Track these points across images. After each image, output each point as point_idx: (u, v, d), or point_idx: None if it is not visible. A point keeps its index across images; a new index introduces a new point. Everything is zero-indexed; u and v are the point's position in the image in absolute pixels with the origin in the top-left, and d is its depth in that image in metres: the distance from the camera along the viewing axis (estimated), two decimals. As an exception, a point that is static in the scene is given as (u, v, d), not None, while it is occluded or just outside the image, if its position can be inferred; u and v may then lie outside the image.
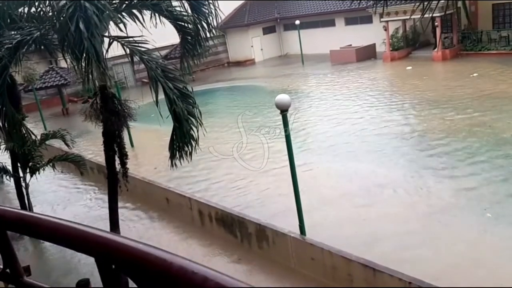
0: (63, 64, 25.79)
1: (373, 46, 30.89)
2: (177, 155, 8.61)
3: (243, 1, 39.89)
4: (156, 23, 8.94)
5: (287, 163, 8.84)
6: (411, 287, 6.81)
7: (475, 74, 21.28)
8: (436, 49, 26.55)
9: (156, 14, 8.98)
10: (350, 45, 31.75)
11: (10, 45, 8.43)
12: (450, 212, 9.67)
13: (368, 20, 31.96)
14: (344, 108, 19.17)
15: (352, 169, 12.69)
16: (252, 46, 38.02)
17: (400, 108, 18.06)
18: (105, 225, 9.86)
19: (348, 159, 13.53)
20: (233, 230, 10.03)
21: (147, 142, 18.10)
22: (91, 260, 1.39)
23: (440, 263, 8.02)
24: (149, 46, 8.69)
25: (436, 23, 26.14)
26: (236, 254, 9.59)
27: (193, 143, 8.53)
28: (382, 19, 28.23)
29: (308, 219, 8.97)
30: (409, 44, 29.66)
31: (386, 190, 11.11)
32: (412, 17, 24.67)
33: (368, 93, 21.20)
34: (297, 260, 8.68)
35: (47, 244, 10.80)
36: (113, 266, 1.40)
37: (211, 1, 9.19)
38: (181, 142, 8.39)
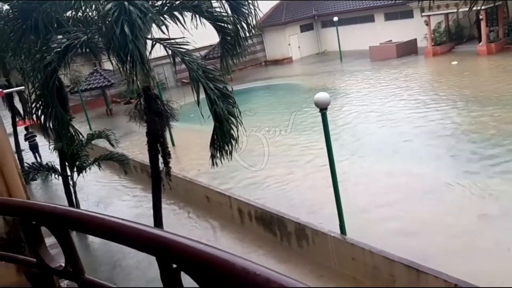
0: (106, 66, 26.62)
1: (414, 41, 30.12)
2: (218, 154, 8.73)
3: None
4: (196, 24, 9.07)
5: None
6: (458, 290, 6.63)
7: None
8: (481, 43, 25.60)
9: (197, 16, 9.11)
10: (390, 40, 31.09)
11: (59, 49, 8.79)
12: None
13: (408, 15, 31.18)
14: (387, 107, 18.74)
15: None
16: (289, 44, 37.90)
17: (447, 106, 17.46)
18: (149, 223, 10.13)
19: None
20: (273, 228, 10.07)
21: (188, 141, 18.40)
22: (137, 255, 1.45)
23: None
24: (189, 47, 8.84)
25: (481, 16, 25.19)
26: (275, 253, 9.62)
27: (233, 142, 8.62)
28: (423, 14, 27.47)
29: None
30: (452, 38, 28.72)
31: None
32: (456, 11, 23.94)
33: (411, 90, 20.67)
34: (337, 260, 8.62)
35: (91, 238, 11.21)
36: (174, 266, 1.46)
37: (250, 1, 9.24)
38: (222, 142, 8.50)
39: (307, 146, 15.31)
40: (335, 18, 32.28)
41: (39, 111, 9.18)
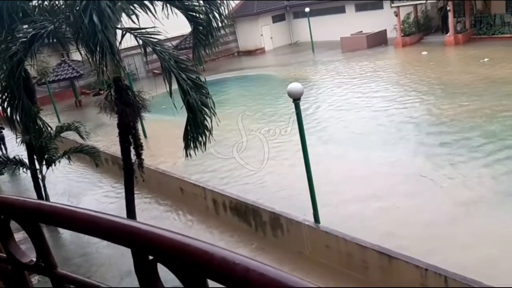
0: (75, 56, 25.95)
1: (384, 32, 30.53)
2: (192, 145, 8.65)
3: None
4: (168, 14, 8.92)
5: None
6: (428, 274, 6.83)
7: (485, 59, 20.98)
8: (448, 34, 26.18)
9: (168, 5, 8.96)
10: (361, 31, 31.42)
11: (25, 39, 8.49)
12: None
13: (378, 6, 31.55)
14: (358, 96, 18.99)
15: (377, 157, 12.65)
16: (261, 35, 37.81)
17: (413, 94, 17.86)
18: (122, 216, 9.99)
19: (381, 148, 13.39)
20: (247, 218, 10.11)
21: (161, 133, 18.19)
22: (110, 248, 1.43)
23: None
24: (161, 37, 8.68)
25: (448, 8, 25.73)
26: (251, 242, 9.67)
27: (207, 133, 8.56)
28: (393, 5, 27.86)
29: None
30: (421, 29, 29.26)
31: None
32: (425, 2, 24.38)
33: (382, 80, 21.01)
34: (311, 247, 8.74)
35: (62, 232, 11.00)
36: (150, 257, 1.43)
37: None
38: (195, 133, 8.42)
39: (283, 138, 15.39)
40: (307, 9, 32.34)
41: (5, 103, 8.87)
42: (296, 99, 8.33)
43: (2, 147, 18.71)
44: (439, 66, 21.81)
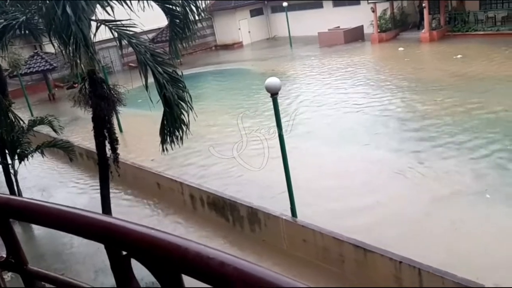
0: (48, 48, 25.33)
1: (361, 28, 30.82)
2: (168, 140, 8.57)
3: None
4: (143, 6, 8.79)
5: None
6: (402, 267, 6.96)
7: (459, 56, 21.43)
8: (423, 31, 26.62)
9: (144, -3, 8.82)
10: (338, 27, 31.65)
11: (-5, 30, 8.24)
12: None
13: (355, 1, 31.82)
14: (335, 92, 19.13)
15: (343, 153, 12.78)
16: (239, 29, 37.67)
17: (388, 91, 18.11)
18: (97, 211, 9.85)
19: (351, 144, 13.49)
20: (225, 213, 10.09)
21: (137, 127, 17.97)
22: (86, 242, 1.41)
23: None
24: (137, 30, 8.56)
25: (423, 4, 26.15)
26: (228, 237, 9.67)
27: (184, 128, 8.48)
28: (370, 1, 28.13)
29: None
30: (397, 25, 29.66)
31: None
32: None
33: (358, 76, 21.22)
34: (289, 242, 8.79)
35: (35, 228, 10.78)
36: (124, 253, 1.41)
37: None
38: (172, 127, 8.34)
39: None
40: (285, 4, 32.36)
41: (-26, 96, 8.61)
42: (274, 93, 8.33)
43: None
44: (414, 63, 22.16)
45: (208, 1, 33.20)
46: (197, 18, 9.35)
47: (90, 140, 11.01)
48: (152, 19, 12.57)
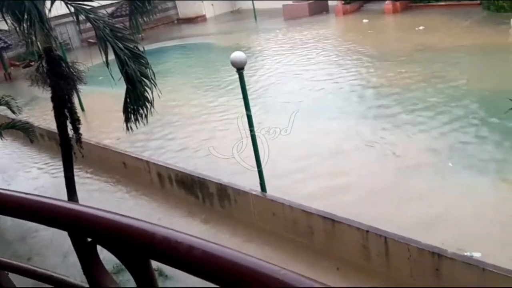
0: (1, 26, 24.03)
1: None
2: (132, 118, 8.37)
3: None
4: (101, -21, 8.42)
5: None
6: (369, 236, 7.16)
7: (421, 27, 21.75)
8: (387, 2, 26.79)
9: (101, -31, 8.44)
10: (303, -1, 31.43)
11: None
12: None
13: (319, -27, 31.58)
14: (300, 65, 19.14)
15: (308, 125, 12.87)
16: (202, 2, 36.83)
17: (353, 63, 18.26)
18: (61, 194, 9.60)
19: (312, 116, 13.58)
20: (194, 191, 10.05)
21: (99, 106, 17.50)
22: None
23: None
24: (94, 4, 8.22)
25: (385, -25, 26.24)
26: (198, 214, 9.66)
27: (148, 106, 8.29)
28: (333, -28, 28.00)
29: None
30: (361, -3, 29.71)
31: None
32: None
33: (323, 49, 21.26)
34: (259, 216, 8.87)
35: None
36: (89, 239, 1.37)
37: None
38: (136, 105, 8.13)
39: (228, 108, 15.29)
40: (248, -25, 31.83)
41: None
42: (239, 68, 8.23)
43: None
44: (378, 34, 22.35)
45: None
46: (157, -10, 9.05)
47: (51, 120, 10.63)
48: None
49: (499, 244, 7.19)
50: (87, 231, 1.34)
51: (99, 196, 11.01)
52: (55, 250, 8.83)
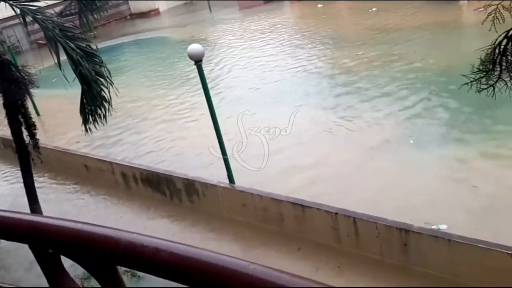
0: None
1: (278, -13, 30.70)
2: (91, 119, 8.15)
3: None
4: (45, -23, 8.09)
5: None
6: (338, 218, 7.29)
7: (373, 9, 22.13)
8: (338, -14, 27.06)
9: (44, -33, 8.11)
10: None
11: None
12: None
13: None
14: (258, 55, 19.09)
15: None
16: (154, -5, 36.14)
17: (310, 49, 18.39)
18: (22, 203, 9.27)
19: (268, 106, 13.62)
20: (161, 188, 9.92)
21: (55, 109, 16.92)
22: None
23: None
24: (41, 4, 7.91)
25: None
26: (167, 212, 9.55)
27: (106, 105, 8.09)
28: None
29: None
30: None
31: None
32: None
33: (280, 36, 21.30)
34: (229, 208, 8.86)
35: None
36: (50, 251, 1.32)
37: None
38: (93, 105, 7.92)
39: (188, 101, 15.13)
40: (199, -34, 31.39)
41: None
42: (197, 61, 8.13)
43: None
44: (333, 19, 22.59)
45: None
46: (106, -14, 8.80)
47: (5, 127, 10.21)
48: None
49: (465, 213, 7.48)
50: (48, 243, 1.29)
51: (62, 202, 10.69)
52: (19, 260, 8.53)
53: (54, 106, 17.04)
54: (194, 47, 8.08)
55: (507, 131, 9.61)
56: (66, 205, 10.48)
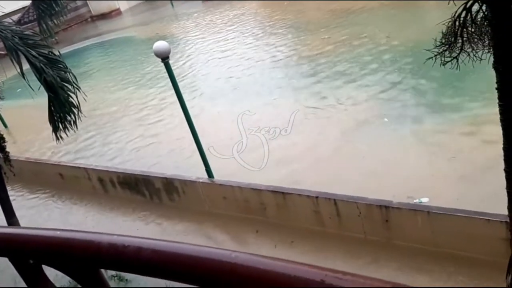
0: None
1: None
2: (61, 127, 7.98)
3: None
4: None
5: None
6: (319, 201, 7.38)
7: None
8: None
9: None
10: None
11: None
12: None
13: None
14: (226, 48, 18.90)
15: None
16: (114, -5, 35.39)
17: (277, 38, 18.28)
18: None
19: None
20: (140, 190, 9.83)
21: (23, 120, 16.46)
22: None
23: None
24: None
25: None
26: (148, 213, 9.47)
27: (75, 111, 7.94)
28: None
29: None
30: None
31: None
32: None
33: (245, 27, 21.20)
34: (210, 202, 8.86)
35: None
36: (31, 261, 1.30)
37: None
38: (62, 112, 7.75)
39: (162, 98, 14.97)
40: (157, -39, 30.82)
41: None
42: (164, 58, 8.05)
43: None
44: (294, 5, 22.56)
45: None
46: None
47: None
48: (12, -2, 11.32)
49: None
50: (27, 254, 1.28)
51: (39, 214, 10.49)
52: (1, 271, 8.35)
53: (23, 117, 16.56)
54: (160, 45, 7.99)
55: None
56: (44, 216, 10.28)
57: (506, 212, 4.81)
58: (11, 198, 8.93)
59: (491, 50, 4.25)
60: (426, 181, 7.88)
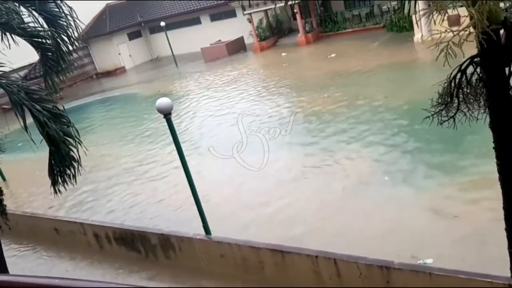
0: None
1: (241, 39, 31.71)
2: (60, 181, 7.97)
3: (102, 6, 38.11)
4: (9, 43, 8.10)
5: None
6: (319, 261, 7.20)
7: (333, 55, 23.01)
8: (299, 35, 28.18)
9: (7, 33, 8.13)
10: (220, 40, 32.23)
11: None
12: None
13: (232, 14, 32.73)
14: (227, 106, 19.17)
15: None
16: (119, 54, 36.60)
17: (277, 97, 18.57)
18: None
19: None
20: (136, 246, 9.62)
21: (23, 173, 16.44)
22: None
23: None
24: (5, 69, 7.87)
25: (295, 10, 27.70)
26: (143, 271, 9.22)
27: (75, 165, 7.95)
28: (245, 12, 29.09)
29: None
30: (274, 33, 31.04)
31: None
32: (273, 7, 25.95)
33: (246, 86, 21.72)
34: (207, 260, 8.64)
35: None
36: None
37: (67, 13, 8.57)
38: (62, 166, 7.77)
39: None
40: (162, 23, 32.14)
41: None
42: (166, 114, 8.17)
43: None
44: (295, 66, 23.31)
45: (81, 29, 31.87)
46: (71, 48, 8.86)
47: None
48: (22, 55, 11.67)
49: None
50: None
51: (33, 269, 10.20)
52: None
53: (22, 170, 16.55)
54: (162, 101, 8.13)
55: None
56: (38, 272, 9.99)
57: (509, 273, 4.68)
58: (4, 253, 8.74)
59: (487, 110, 4.33)
60: (428, 241, 7.75)
